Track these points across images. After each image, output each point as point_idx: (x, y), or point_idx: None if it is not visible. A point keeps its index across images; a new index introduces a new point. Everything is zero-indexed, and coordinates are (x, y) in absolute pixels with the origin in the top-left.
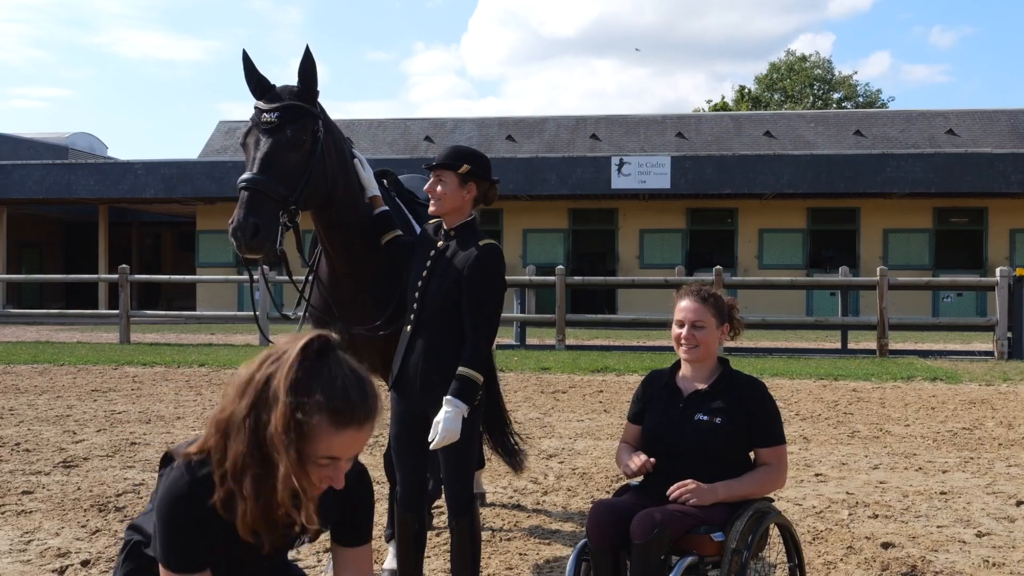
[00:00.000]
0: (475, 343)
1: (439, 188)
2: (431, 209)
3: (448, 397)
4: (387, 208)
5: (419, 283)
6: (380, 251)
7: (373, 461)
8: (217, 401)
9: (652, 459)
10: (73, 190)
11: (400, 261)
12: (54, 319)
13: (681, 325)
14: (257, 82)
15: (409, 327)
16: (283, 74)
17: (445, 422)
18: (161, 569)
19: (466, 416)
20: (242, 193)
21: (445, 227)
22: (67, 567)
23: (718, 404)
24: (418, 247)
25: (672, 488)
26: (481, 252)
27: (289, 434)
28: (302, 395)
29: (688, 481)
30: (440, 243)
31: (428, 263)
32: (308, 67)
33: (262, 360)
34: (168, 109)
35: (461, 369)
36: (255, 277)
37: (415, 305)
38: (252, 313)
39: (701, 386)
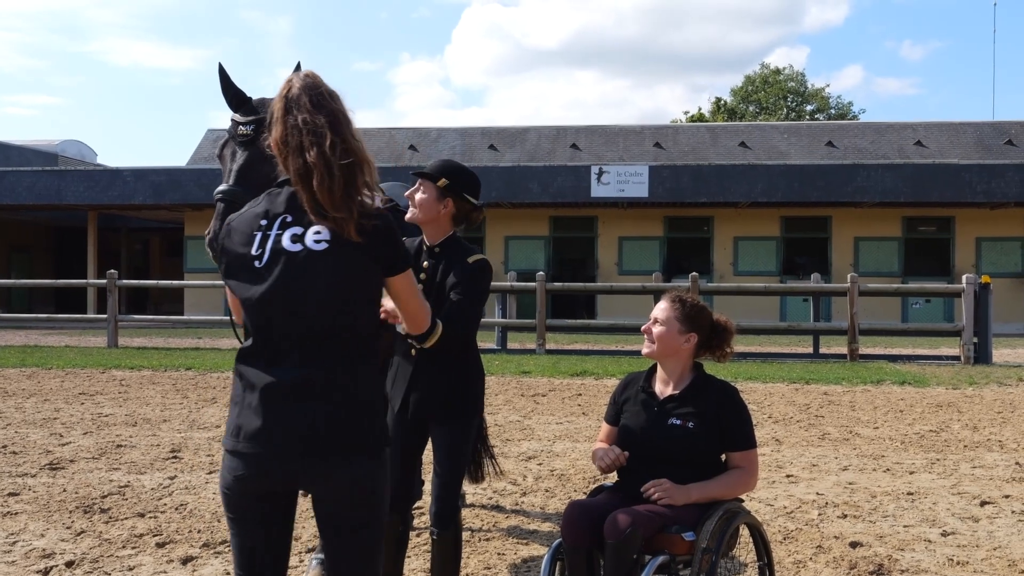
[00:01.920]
0: (455, 311)
1: (417, 196)
2: (408, 216)
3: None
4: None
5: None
6: None
7: None
8: (204, 405)
9: (625, 452)
10: (63, 196)
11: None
12: (43, 323)
13: (648, 320)
14: (233, 95)
15: (410, 352)
16: (272, 83)
17: None
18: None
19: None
20: (219, 204)
21: (428, 243)
22: (52, 568)
23: (691, 408)
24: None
25: (647, 485)
26: (472, 268)
27: None
28: None
29: (663, 480)
30: (426, 263)
31: (421, 280)
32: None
33: None
34: (158, 117)
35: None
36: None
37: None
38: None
39: (675, 391)
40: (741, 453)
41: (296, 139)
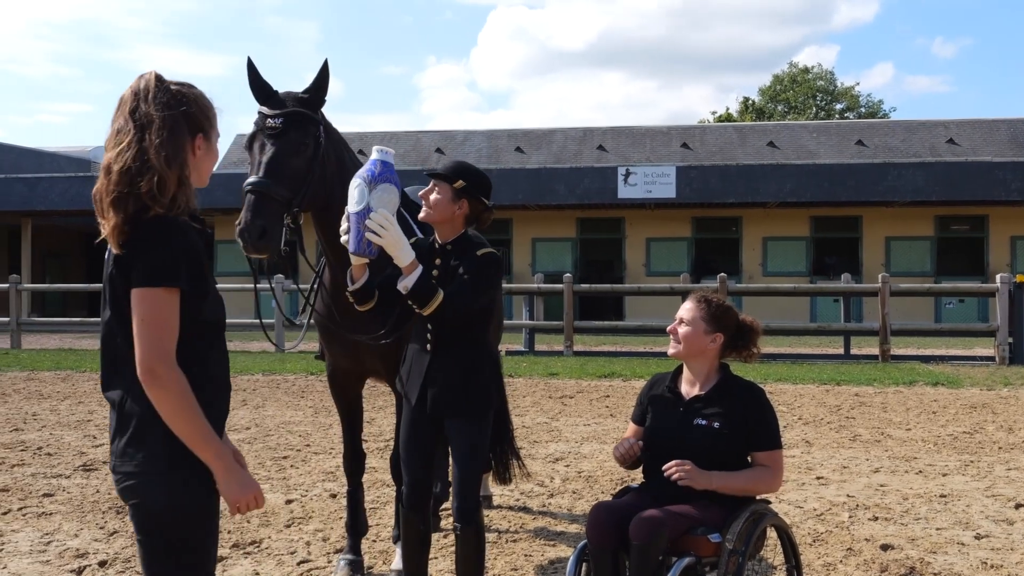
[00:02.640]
0: (456, 289)
1: (432, 196)
2: (420, 215)
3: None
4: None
5: None
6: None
7: (383, 464)
8: (234, 407)
9: (639, 442)
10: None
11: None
12: (77, 327)
13: (674, 321)
14: (261, 88)
15: (425, 347)
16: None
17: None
18: None
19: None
20: (248, 196)
21: (440, 242)
22: (85, 567)
23: (717, 409)
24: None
25: (668, 465)
26: (479, 259)
27: None
28: None
29: (685, 461)
30: (439, 260)
31: (434, 276)
32: (323, 79)
33: None
34: None
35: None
36: (271, 286)
37: (427, 326)
38: (268, 320)
39: (701, 391)
40: (766, 453)
41: (109, 140)
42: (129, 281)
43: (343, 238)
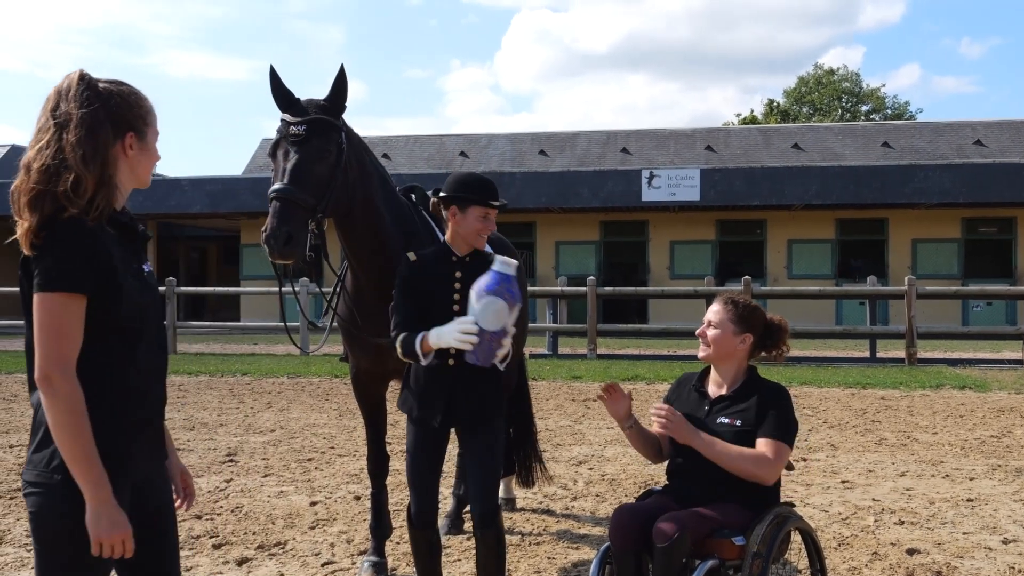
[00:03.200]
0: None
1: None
2: (486, 243)
3: (435, 330)
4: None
5: (454, 308)
6: (401, 259)
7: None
8: (259, 409)
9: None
10: None
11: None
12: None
13: (702, 324)
14: (283, 95)
15: (447, 361)
16: (322, 92)
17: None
18: None
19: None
20: (274, 203)
21: (459, 255)
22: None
23: (740, 408)
24: (426, 279)
25: (656, 407)
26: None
27: None
28: None
29: (674, 412)
30: (459, 273)
31: (457, 290)
32: (341, 84)
33: None
34: (213, 127)
35: (434, 330)
36: (295, 289)
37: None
38: (292, 324)
39: (726, 391)
40: (768, 440)
41: (32, 139)
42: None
43: (466, 347)
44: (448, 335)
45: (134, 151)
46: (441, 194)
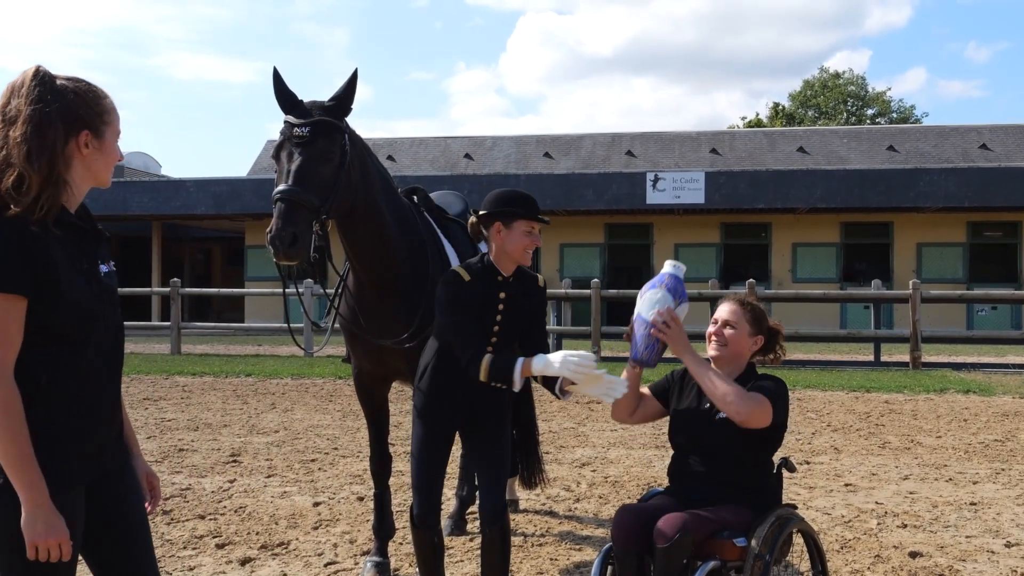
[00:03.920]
0: (544, 350)
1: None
2: (526, 259)
3: (541, 356)
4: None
5: (494, 328)
6: (404, 261)
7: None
8: (263, 410)
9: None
10: (128, 207)
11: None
12: None
13: (715, 324)
14: (286, 97)
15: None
16: (329, 94)
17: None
18: None
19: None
20: (278, 204)
21: (504, 275)
22: None
23: None
24: (470, 296)
25: (660, 311)
26: (542, 290)
27: None
28: None
29: (676, 320)
30: (503, 294)
31: (500, 311)
32: (351, 88)
33: None
34: (218, 129)
35: (539, 357)
36: (299, 291)
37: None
38: (296, 325)
39: None
40: (757, 393)
41: None
42: None
43: (578, 379)
44: (565, 366)
45: (90, 150)
46: (482, 212)
